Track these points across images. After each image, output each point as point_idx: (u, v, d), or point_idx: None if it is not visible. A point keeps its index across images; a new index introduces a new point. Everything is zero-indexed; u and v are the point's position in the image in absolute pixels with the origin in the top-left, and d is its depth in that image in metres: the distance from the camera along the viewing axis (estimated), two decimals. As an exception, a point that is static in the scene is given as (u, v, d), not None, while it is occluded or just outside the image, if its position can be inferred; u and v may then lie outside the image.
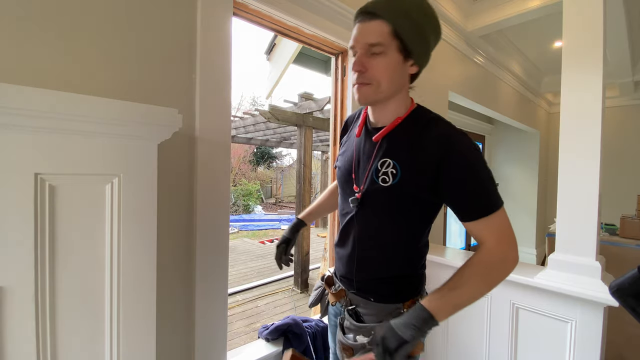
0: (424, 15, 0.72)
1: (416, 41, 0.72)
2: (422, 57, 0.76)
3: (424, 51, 0.76)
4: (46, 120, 0.65)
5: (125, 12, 1.01)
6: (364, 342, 0.80)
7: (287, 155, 18.29)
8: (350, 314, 0.86)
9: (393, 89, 0.76)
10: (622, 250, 2.67)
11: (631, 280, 0.68)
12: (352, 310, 0.87)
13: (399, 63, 0.73)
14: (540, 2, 2.32)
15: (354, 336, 0.82)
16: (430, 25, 0.74)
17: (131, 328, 0.78)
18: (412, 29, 0.71)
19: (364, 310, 0.86)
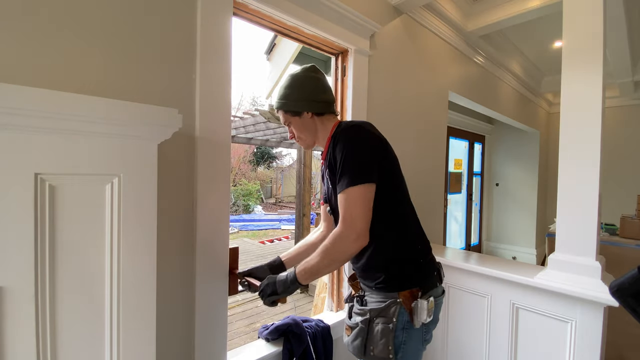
0: (289, 87, 1.05)
1: (296, 105, 1.04)
2: (309, 106, 1.03)
3: (307, 103, 1.03)
4: (46, 120, 0.65)
5: (125, 12, 1.01)
6: (358, 321, 0.93)
7: (287, 155, 18.30)
8: (357, 300, 1.01)
9: (311, 134, 1.07)
10: (622, 250, 2.67)
11: (631, 280, 0.68)
12: (359, 296, 1.01)
13: (299, 121, 1.06)
14: (540, 2, 2.32)
15: (355, 317, 0.96)
16: (298, 89, 1.04)
17: (131, 328, 0.78)
18: (289, 101, 1.04)
19: (369, 297, 0.98)
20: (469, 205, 4.84)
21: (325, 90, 1.06)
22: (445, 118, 2.76)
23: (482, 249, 5.37)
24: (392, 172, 0.96)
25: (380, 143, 0.94)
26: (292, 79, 1.05)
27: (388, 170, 0.94)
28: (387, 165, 0.94)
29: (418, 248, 0.97)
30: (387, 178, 0.93)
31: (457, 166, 4.54)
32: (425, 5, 2.29)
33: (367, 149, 0.90)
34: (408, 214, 1.01)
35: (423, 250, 0.98)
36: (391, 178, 0.95)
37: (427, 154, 2.53)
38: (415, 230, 1.01)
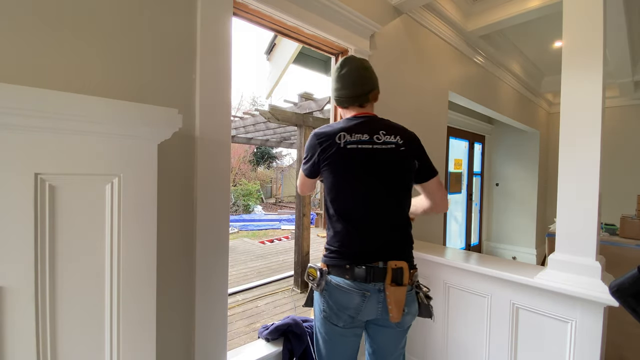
0: (331, 82, 1.21)
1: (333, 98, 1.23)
2: (334, 99, 1.21)
3: (333, 97, 1.21)
4: (46, 120, 0.65)
5: (125, 12, 1.01)
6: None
7: (287, 155, 18.29)
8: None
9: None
10: (622, 250, 2.67)
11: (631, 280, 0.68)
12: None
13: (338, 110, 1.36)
14: (540, 2, 2.32)
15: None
16: (332, 86, 1.21)
17: (131, 328, 0.78)
18: (332, 96, 1.22)
19: None
20: (469, 205, 4.85)
21: (344, 86, 1.15)
22: (445, 118, 2.76)
23: (482, 249, 5.37)
24: (328, 170, 1.09)
25: (314, 146, 1.11)
26: (331, 76, 1.23)
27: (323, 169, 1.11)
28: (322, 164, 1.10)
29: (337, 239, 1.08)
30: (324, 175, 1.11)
31: (457, 166, 4.54)
32: (425, 5, 2.30)
33: (307, 148, 1.13)
34: (338, 213, 1.09)
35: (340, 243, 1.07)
36: (326, 175, 1.11)
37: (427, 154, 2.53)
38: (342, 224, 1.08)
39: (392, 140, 1.08)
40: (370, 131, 1.08)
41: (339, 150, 1.05)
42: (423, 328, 1.84)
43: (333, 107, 1.90)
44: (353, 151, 1.05)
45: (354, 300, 1.02)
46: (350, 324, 1.06)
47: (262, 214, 12.43)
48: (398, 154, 1.08)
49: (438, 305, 1.77)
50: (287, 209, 13.70)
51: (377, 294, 1.03)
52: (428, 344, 1.83)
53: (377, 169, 1.06)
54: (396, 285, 1.02)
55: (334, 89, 1.18)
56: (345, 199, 1.08)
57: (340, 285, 1.04)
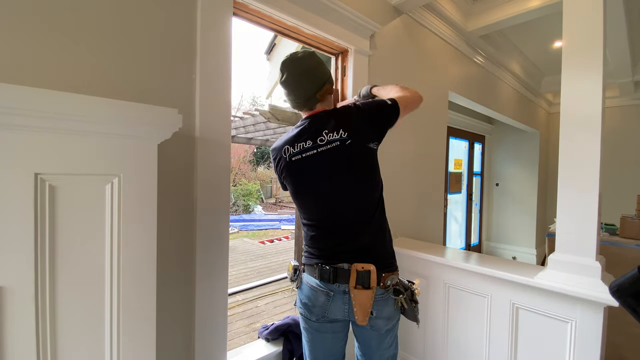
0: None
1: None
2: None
3: (286, 100, 1.18)
4: (46, 120, 0.65)
5: (124, 12, 1.01)
6: None
7: (287, 155, 18.23)
8: None
9: None
10: (622, 250, 2.67)
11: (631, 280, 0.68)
12: None
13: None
14: (540, 2, 2.32)
15: None
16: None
17: (131, 328, 0.78)
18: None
19: None
20: (469, 205, 4.84)
21: (287, 93, 1.14)
22: (445, 118, 2.76)
23: (482, 249, 5.37)
24: (286, 182, 1.16)
25: (273, 162, 1.17)
26: (311, 63, 1.12)
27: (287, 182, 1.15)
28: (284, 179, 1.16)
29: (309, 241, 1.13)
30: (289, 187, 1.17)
31: (457, 166, 4.54)
32: (425, 5, 2.29)
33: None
34: (304, 218, 1.15)
35: (310, 244, 1.12)
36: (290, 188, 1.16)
37: (427, 154, 2.53)
38: (310, 234, 1.12)
39: (336, 138, 1.03)
40: (314, 135, 1.06)
41: (287, 164, 1.10)
42: (423, 328, 1.84)
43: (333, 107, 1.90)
44: (299, 162, 1.07)
45: (320, 299, 1.05)
46: (322, 319, 1.08)
47: (262, 214, 12.43)
48: (344, 150, 1.02)
49: (438, 305, 1.77)
50: (287, 209, 13.70)
51: (342, 295, 1.03)
52: (428, 344, 1.83)
53: (326, 173, 1.04)
54: (362, 288, 1.00)
55: (286, 96, 1.15)
56: (305, 206, 1.13)
57: (309, 283, 1.08)
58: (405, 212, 2.27)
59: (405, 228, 2.27)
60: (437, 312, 1.77)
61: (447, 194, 4.16)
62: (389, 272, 1.05)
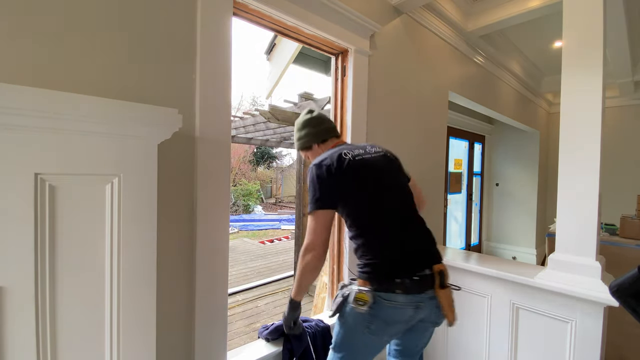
0: (296, 132, 1.31)
1: (306, 142, 1.29)
2: (314, 140, 1.27)
3: (312, 138, 1.27)
4: (46, 120, 0.65)
5: (125, 12, 1.01)
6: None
7: (287, 155, 18.28)
8: None
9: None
10: (622, 250, 2.67)
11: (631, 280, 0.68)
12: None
13: (311, 151, 1.29)
14: (540, 2, 2.32)
15: None
16: (301, 131, 1.29)
17: (131, 328, 0.78)
18: (301, 141, 1.30)
19: None
20: (469, 205, 4.84)
21: (320, 123, 1.28)
22: (445, 118, 2.76)
23: (482, 249, 5.37)
24: (347, 194, 1.08)
25: (330, 174, 1.07)
26: (296, 125, 1.32)
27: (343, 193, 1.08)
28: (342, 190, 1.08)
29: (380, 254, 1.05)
30: (344, 199, 1.09)
31: (457, 166, 4.53)
32: (425, 5, 2.29)
33: (316, 179, 1.09)
34: (373, 225, 1.08)
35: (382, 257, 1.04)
36: (347, 199, 1.09)
37: (427, 154, 2.53)
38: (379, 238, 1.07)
39: (379, 151, 1.19)
40: (361, 147, 1.17)
41: (350, 164, 1.08)
42: (423, 328, 1.84)
43: (333, 107, 1.90)
44: (362, 160, 1.10)
45: (407, 314, 1.01)
46: (396, 335, 1.08)
47: (262, 214, 12.43)
48: (390, 159, 1.20)
49: (438, 305, 1.77)
50: (287, 209, 13.70)
51: (429, 301, 1.02)
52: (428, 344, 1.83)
53: (387, 174, 1.14)
54: (443, 288, 1.02)
55: (310, 128, 1.27)
56: (374, 212, 1.07)
57: (391, 301, 0.99)
58: (405, 212, 2.27)
59: (405, 228, 2.27)
60: (437, 312, 1.77)
61: (447, 194, 4.16)
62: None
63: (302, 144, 1.29)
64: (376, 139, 1.99)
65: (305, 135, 1.27)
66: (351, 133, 1.82)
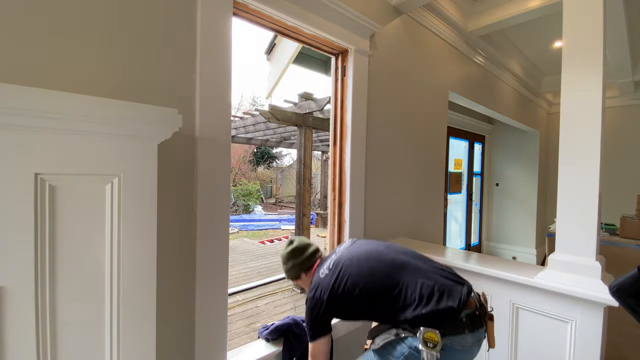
0: (283, 265, 1.34)
1: (295, 273, 1.32)
2: (300, 270, 1.31)
3: (298, 269, 1.31)
4: (46, 120, 0.65)
5: (125, 12, 1.01)
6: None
7: (287, 155, 18.28)
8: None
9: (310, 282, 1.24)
10: (622, 250, 2.67)
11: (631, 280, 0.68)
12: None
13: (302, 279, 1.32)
14: (540, 2, 2.32)
15: None
16: (289, 264, 1.32)
17: (131, 328, 0.78)
18: (290, 273, 1.34)
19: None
20: (469, 205, 4.84)
21: (301, 252, 1.31)
22: (445, 118, 2.76)
23: (482, 249, 5.37)
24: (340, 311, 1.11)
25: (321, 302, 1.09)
26: (281, 259, 1.36)
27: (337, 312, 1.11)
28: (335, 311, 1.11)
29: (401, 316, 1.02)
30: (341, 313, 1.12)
31: (457, 166, 4.53)
32: (425, 5, 2.29)
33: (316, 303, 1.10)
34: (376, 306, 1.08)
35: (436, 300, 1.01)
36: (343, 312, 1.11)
37: (427, 154, 2.53)
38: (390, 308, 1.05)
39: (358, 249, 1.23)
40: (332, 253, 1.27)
41: (337, 276, 1.10)
42: (423, 328, 1.84)
43: (333, 107, 1.90)
44: (344, 267, 1.12)
45: (474, 352, 0.99)
46: None
47: (262, 214, 12.42)
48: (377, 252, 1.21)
49: (438, 305, 1.77)
50: (287, 209, 13.69)
51: (484, 333, 1.01)
52: (428, 344, 1.83)
53: (373, 247, 1.20)
54: (489, 318, 1.04)
55: (295, 262, 1.30)
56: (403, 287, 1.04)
57: (462, 343, 0.95)
58: (405, 212, 2.27)
59: (405, 228, 2.27)
60: (437, 312, 1.77)
61: (447, 194, 4.16)
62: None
63: (291, 276, 1.34)
64: (376, 139, 1.99)
65: (291, 267, 1.31)
66: (351, 133, 1.82)
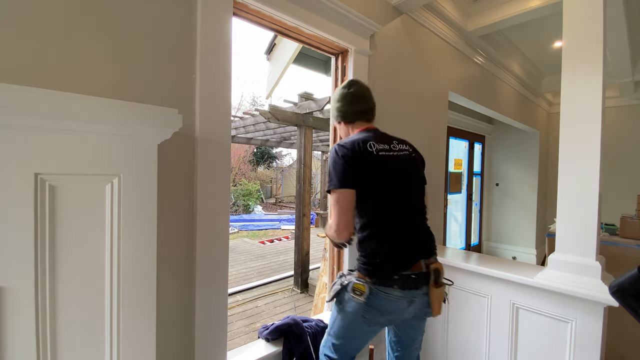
0: (331, 102, 1.31)
1: (336, 116, 1.30)
2: (342, 116, 1.27)
3: (341, 114, 1.27)
4: (46, 120, 0.65)
5: (125, 12, 1.01)
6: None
7: (287, 155, 18.28)
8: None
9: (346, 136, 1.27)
10: (622, 250, 2.67)
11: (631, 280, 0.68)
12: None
13: (339, 127, 1.33)
14: (540, 2, 2.32)
15: None
16: (334, 103, 1.29)
17: (131, 328, 0.78)
18: (332, 114, 1.32)
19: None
20: (469, 205, 4.84)
21: (353, 102, 1.25)
22: (445, 118, 2.76)
23: (482, 249, 5.37)
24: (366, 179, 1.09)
25: (349, 159, 1.08)
26: (333, 95, 1.32)
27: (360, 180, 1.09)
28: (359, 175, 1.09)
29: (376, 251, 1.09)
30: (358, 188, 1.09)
31: (457, 166, 4.53)
32: (425, 5, 2.29)
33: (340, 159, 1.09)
34: (379, 220, 1.10)
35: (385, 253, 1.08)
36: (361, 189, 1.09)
37: (427, 154, 2.53)
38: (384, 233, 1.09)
39: (405, 149, 1.20)
40: (387, 141, 1.18)
41: (373, 158, 1.10)
42: (423, 328, 1.84)
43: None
44: (386, 158, 1.12)
45: (401, 306, 1.08)
46: (388, 324, 1.16)
47: (262, 214, 12.42)
48: (413, 160, 1.21)
49: (438, 305, 1.77)
50: (287, 209, 13.69)
51: (422, 297, 1.09)
52: (428, 344, 1.83)
53: (406, 174, 1.16)
54: (437, 285, 1.08)
55: (341, 105, 1.26)
56: (385, 206, 1.10)
57: (387, 294, 1.06)
58: (405, 212, 2.27)
59: (405, 228, 2.27)
60: (437, 312, 1.77)
61: (447, 194, 4.16)
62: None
63: (333, 117, 1.32)
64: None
65: (336, 109, 1.28)
66: (351, 133, 1.82)
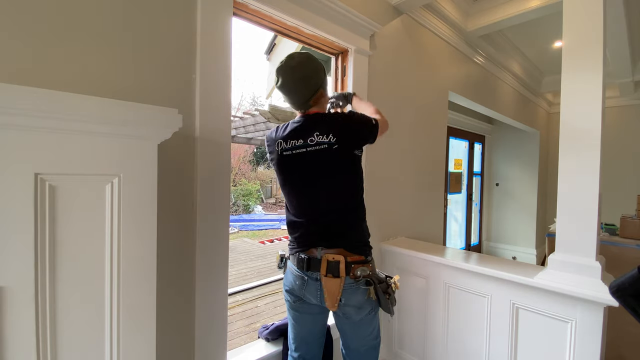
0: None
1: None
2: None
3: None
4: (46, 120, 0.65)
5: (125, 12, 1.01)
6: None
7: (287, 155, 18.23)
8: None
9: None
10: (622, 250, 2.67)
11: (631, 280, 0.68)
12: None
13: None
14: (540, 2, 2.32)
15: None
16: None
17: (131, 328, 0.78)
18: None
19: None
20: (469, 205, 4.84)
21: (283, 95, 1.23)
22: (445, 118, 2.76)
23: (482, 249, 5.37)
24: (276, 171, 1.22)
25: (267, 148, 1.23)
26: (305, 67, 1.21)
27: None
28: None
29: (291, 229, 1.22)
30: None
31: (457, 166, 4.53)
32: (425, 5, 2.30)
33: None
34: (287, 207, 1.24)
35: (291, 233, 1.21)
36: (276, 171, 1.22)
37: (427, 154, 2.53)
38: (293, 215, 1.21)
39: (325, 141, 1.10)
40: (306, 134, 1.13)
41: (278, 157, 1.18)
42: (423, 328, 1.84)
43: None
44: (288, 158, 1.15)
45: (297, 283, 1.17)
46: (298, 301, 1.20)
47: (262, 214, 12.42)
48: (330, 153, 1.10)
49: (438, 305, 1.77)
50: (287, 209, 13.66)
51: (314, 282, 1.13)
52: (428, 344, 1.83)
53: (310, 171, 1.13)
54: (331, 276, 1.09)
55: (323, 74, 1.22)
56: (288, 196, 1.21)
57: (290, 269, 1.20)
58: (405, 212, 2.27)
59: (405, 228, 2.27)
60: (437, 311, 1.77)
61: (447, 194, 4.16)
62: (360, 263, 1.11)
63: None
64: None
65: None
66: (351, 133, 1.82)
